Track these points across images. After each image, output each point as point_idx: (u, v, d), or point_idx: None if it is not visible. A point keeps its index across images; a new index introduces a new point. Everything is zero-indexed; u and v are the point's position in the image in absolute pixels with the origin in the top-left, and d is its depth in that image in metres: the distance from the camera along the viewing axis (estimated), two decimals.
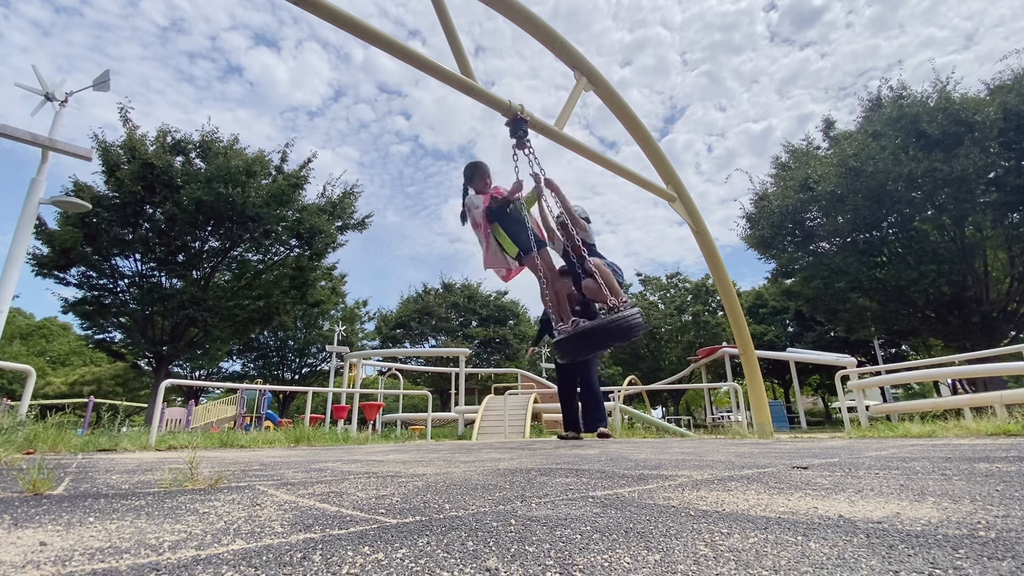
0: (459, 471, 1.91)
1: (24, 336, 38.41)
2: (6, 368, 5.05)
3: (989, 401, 5.27)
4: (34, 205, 5.87)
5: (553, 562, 0.63)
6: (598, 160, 4.95)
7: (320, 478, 1.73)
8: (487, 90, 3.97)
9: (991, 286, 14.04)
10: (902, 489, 1.17)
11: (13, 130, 5.72)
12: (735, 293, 6.28)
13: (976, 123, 11.87)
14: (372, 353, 16.05)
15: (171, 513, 1.04)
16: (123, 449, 3.91)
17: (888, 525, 0.80)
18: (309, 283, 17.31)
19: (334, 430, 6.84)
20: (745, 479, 1.46)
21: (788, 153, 16.75)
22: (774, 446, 3.22)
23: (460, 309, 27.21)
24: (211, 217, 14.45)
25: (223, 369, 26.40)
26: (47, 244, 14.13)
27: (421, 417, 11.41)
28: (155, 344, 15.24)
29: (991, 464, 1.59)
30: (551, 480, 1.54)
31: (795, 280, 18.15)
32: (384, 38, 3.47)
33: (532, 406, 9.04)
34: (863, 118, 14.70)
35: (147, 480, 1.71)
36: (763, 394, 6.10)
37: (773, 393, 28.26)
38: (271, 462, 2.58)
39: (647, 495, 1.20)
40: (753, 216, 16.59)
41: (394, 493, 1.31)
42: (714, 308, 25.47)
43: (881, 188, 12.88)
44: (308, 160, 16.03)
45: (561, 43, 4.59)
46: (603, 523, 0.87)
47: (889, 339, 21.78)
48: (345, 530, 0.85)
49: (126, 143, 13.89)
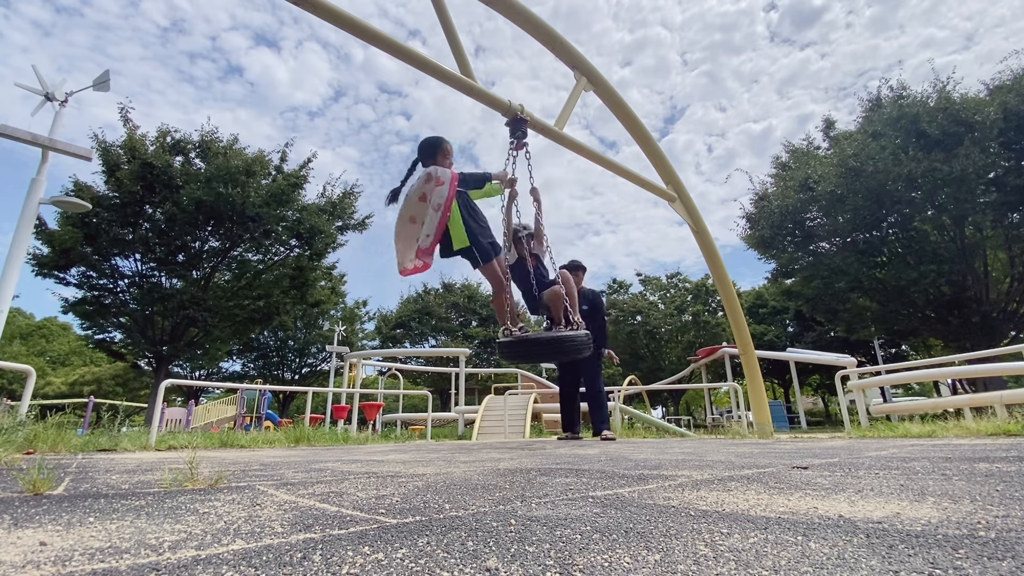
0: (459, 471, 1.91)
1: (24, 336, 38.41)
2: (6, 368, 5.05)
3: (989, 401, 5.27)
4: (34, 205, 5.87)
5: (553, 562, 0.63)
6: (598, 160, 4.95)
7: (320, 478, 1.73)
8: (487, 90, 3.97)
9: (991, 286, 14.03)
10: (902, 489, 1.17)
11: (13, 130, 5.71)
12: (735, 293, 6.28)
13: (976, 123, 11.87)
14: (372, 353, 16.04)
15: (171, 513, 1.04)
16: (123, 449, 3.91)
17: (888, 525, 0.80)
18: (309, 283, 17.31)
19: (334, 430, 6.84)
20: (745, 479, 1.46)
21: (788, 153, 16.75)
22: (774, 446, 3.22)
23: (460, 309, 27.21)
24: (211, 217, 14.45)
25: (223, 369, 26.40)
26: (47, 244, 14.12)
27: (421, 417, 11.41)
28: (155, 344, 15.24)
29: (991, 464, 1.59)
30: (551, 480, 1.54)
31: (795, 280, 18.14)
32: (383, 38, 3.46)
33: (532, 406, 9.04)
34: (863, 118, 14.70)
35: (147, 480, 1.71)
36: (763, 394, 6.10)
37: (773, 393, 28.25)
38: (271, 462, 2.58)
39: (647, 495, 1.20)
40: (753, 216, 16.58)
41: (394, 493, 1.31)
42: (714, 308, 25.46)
43: (881, 188, 12.88)
44: (308, 160, 16.04)
45: (561, 43, 4.59)
46: (603, 523, 0.87)
47: (889, 339, 21.78)
48: (345, 530, 0.85)
49: (126, 143, 13.88)
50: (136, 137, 14.01)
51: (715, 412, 19.52)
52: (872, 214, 13.68)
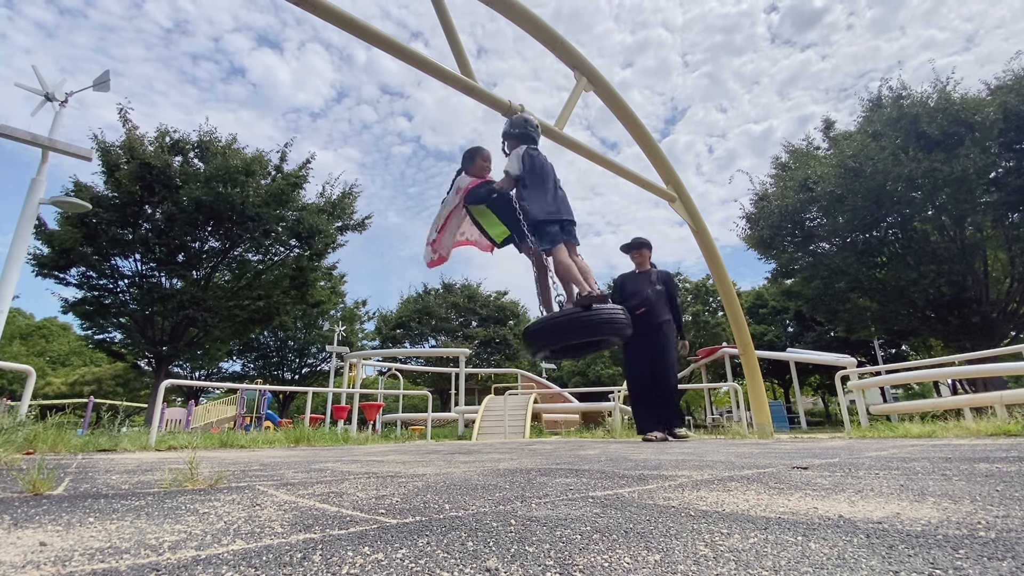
0: (459, 471, 1.91)
1: (24, 336, 38.41)
2: (6, 368, 5.05)
3: (989, 401, 5.26)
4: (34, 205, 5.87)
5: (553, 562, 0.63)
6: (598, 160, 4.95)
7: (320, 478, 1.73)
8: (487, 90, 3.97)
9: (991, 286, 14.03)
10: (902, 489, 1.17)
11: (13, 130, 5.71)
12: (735, 293, 6.28)
13: (976, 123, 11.86)
14: (372, 353, 16.04)
15: (171, 513, 1.04)
16: (123, 449, 3.91)
17: (888, 525, 0.80)
18: (309, 283, 17.32)
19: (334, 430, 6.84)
20: (745, 479, 1.46)
21: (788, 153, 16.74)
22: (774, 446, 3.22)
23: (460, 309, 27.20)
24: (211, 217, 14.46)
25: (223, 369, 26.42)
26: (47, 244, 14.13)
27: (421, 417, 11.41)
28: (155, 344, 15.24)
29: (991, 464, 1.59)
30: (551, 480, 1.54)
31: (795, 280, 18.13)
32: (383, 37, 3.47)
33: (532, 406, 9.04)
34: (863, 118, 14.69)
35: (147, 480, 1.71)
36: (763, 394, 6.10)
37: (773, 393, 28.24)
38: (271, 462, 2.58)
39: (647, 495, 1.20)
40: (753, 216, 16.58)
41: (394, 493, 1.31)
42: (714, 308, 25.46)
43: (881, 188, 12.87)
44: (307, 160, 16.06)
45: (561, 43, 4.59)
46: (603, 523, 0.87)
47: (889, 339, 21.78)
48: (345, 530, 0.85)
49: (125, 143, 13.89)
50: (135, 137, 14.01)
51: (715, 412, 19.49)
52: (872, 214, 13.68)
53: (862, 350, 22.40)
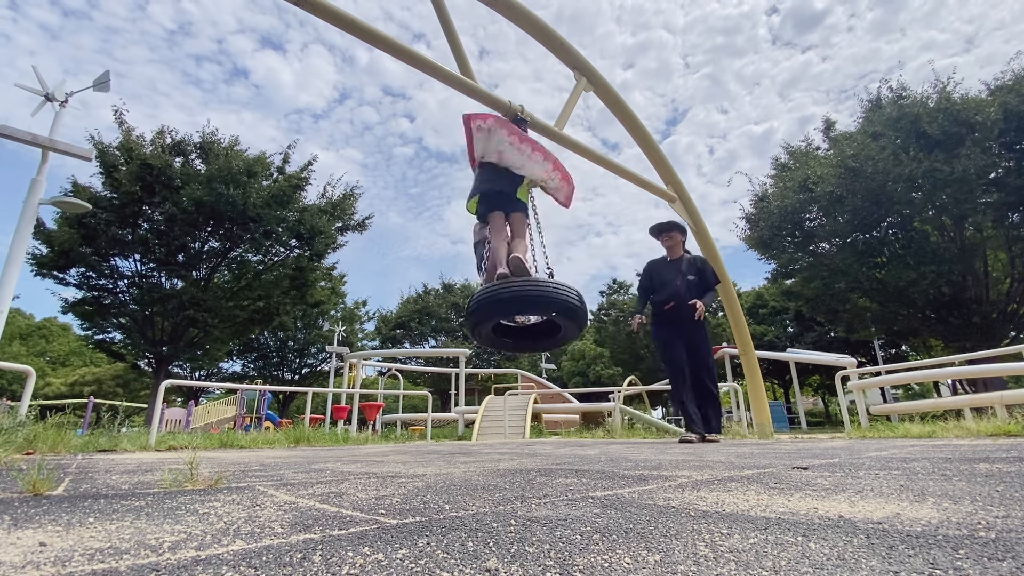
0: (459, 472, 1.91)
1: (24, 336, 38.41)
2: (6, 368, 5.05)
3: (989, 401, 5.26)
4: (34, 205, 5.87)
5: (553, 562, 0.63)
6: (598, 160, 4.94)
7: (320, 479, 1.73)
8: (487, 90, 3.97)
9: (991, 287, 14.03)
10: (902, 490, 1.17)
11: (13, 130, 5.72)
12: (735, 293, 6.28)
13: (977, 123, 11.86)
14: (372, 353, 16.04)
15: (171, 514, 1.04)
16: (123, 449, 3.91)
17: (888, 526, 0.80)
18: (309, 283, 17.32)
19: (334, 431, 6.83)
20: (745, 479, 1.46)
21: (788, 154, 16.74)
22: (774, 446, 3.22)
23: (460, 309, 27.20)
24: (211, 217, 14.46)
25: (223, 369, 26.40)
26: (46, 244, 14.13)
27: (421, 417, 11.41)
28: (155, 344, 15.23)
29: (991, 465, 1.59)
30: (551, 481, 1.54)
31: (795, 280, 18.13)
32: (382, 38, 3.47)
33: (532, 407, 9.04)
34: (863, 119, 14.69)
35: (147, 480, 1.71)
36: (763, 394, 6.10)
37: (773, 393, 28.23)
38: (271, 463, 2.58)
39: (647, 496, 1.20)
40: (753, 217, 16.57)
41: (394, 494, 1.31)
42: (714, 308, 25.45)
43: (881, 189, 12.87)
44: (309, 162, 16.07)
45: (561, 44, 4.59)
46: (603, 523, 0.87)
47: (889, 339, 21.76)
48: (345, 530, 0.85)
49: (122, 144, 13.89)
50: (132, 138, 14.02)
51: None
52: (872, 214, 13.67)
53: (862, 350, 22.39)
